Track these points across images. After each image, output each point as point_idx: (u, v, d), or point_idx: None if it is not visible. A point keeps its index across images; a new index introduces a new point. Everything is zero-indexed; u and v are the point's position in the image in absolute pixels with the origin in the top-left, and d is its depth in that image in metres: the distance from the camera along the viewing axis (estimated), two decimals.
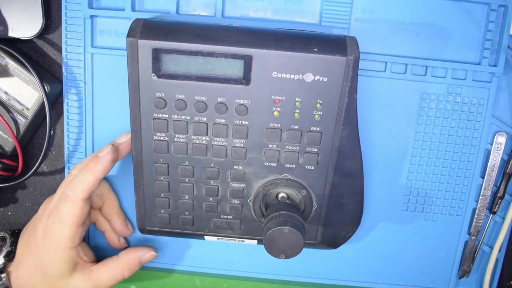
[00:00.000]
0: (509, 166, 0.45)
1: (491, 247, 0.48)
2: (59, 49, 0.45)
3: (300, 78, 0.36)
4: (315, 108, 0.37)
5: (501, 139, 0.45)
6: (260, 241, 0.43)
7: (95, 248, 0.48)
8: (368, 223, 0.46)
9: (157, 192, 0.41)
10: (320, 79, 0.36)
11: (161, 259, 0.49)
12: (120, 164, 0.45)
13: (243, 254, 0.49)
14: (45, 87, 0.42)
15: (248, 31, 0.37)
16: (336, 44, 0.36)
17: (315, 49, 0.35)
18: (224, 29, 0.37)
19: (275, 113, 0.37)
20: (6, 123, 0.43)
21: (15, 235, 0.44)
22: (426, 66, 0.43)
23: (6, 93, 0.44)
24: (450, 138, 0.44)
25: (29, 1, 0.42)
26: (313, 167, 0.39)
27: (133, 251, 0.43)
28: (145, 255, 0.44)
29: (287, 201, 0.40)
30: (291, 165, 0.39)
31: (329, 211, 0.41)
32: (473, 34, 0.42)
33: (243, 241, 0.43)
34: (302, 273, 0.49)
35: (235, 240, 0.43)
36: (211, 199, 0.41)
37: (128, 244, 0.47)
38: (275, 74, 0.36)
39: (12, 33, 0.42)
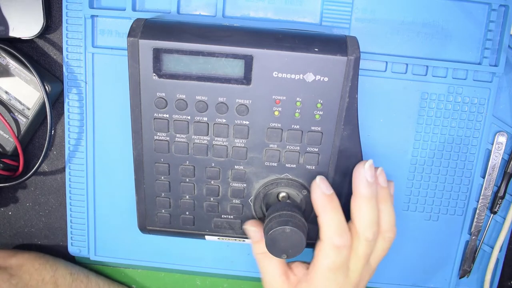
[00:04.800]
0: (510, 166, 0.45)
1: (492, 247, 0.48)
2: (60, 49, 0.45)
3: (301, 78, 0.36)
4: (315, 108, 0.37)
5: (502, 139, 0.45)
6: None
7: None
8: None
9: (157, 192, 0.41)
10: (321, 79, 0.36)
11: (162, 259, 0.49)
12: (120, 164, 0.46)
13: (243, 254, 0.49)
14: (46, 87, 0.42)
15: (249, 31, 0.37)
16: (336, 44, 0.36)
17: (316, 49, 0.35)
18: (225, 29, 0.37)
19: (276, 113, 0.37)
20: (7, 123, 0.43)
21: None
22: (427, 66, 0.43)
23: (7, 92, 0.44)
24: (451, 138, 0.44)
25: (30, 1, 0.42)
26: (313, 167, 0.39)
27: None
28: None
29: (288, 201, 0.40)
30: (291, 165, 0.39)
31: None
32: (473, 34, 0.42)
33: (243, 240, 0.43)
34: None
35: (235, 239, 0.43)
36: (211, 198, 0.41)
37: None
38: (275, 74, 0.36)
39: (13, 33, 0.42)
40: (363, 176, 0.36)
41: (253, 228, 0.39)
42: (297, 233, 0.34)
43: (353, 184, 0.36)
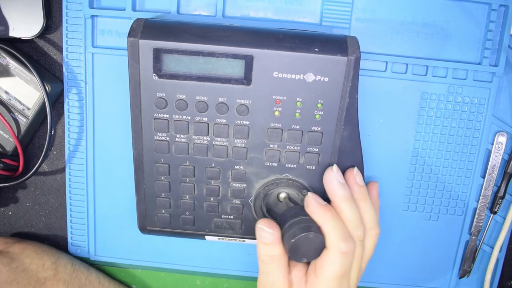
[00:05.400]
0: (510, 166, 0.45)
1: (492, 247, 0.48)
2: (60, 49, 0.45)
3: (301, 78, 0.36)
4: (316, 108, 0.37)
5: (502, 139, 0.45)
6: None
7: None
8: None
9: (158, 192, 0.41)
10: (321, 79, 0.36)
11: (162, 259, 0.49)
12: (120, 164, 0.46)
13: (243, 254, 0.49)
14: (46, 87, 0.42)
15: (249, 31, 0.37)
16: (337, 44, 0.36)
17: (316, 49, 0.35)
18: (225, 29, 0.37)
19: (276, 113, 0.37)
20: (7, 123, 0.43)
21: None
22: (427, 66, 0.43)
23: (7, 92, 0.44)
24: (451, 138, 0.44)
25: (30, 1, 0.42)
26: (314, 167, 0.39)
27: None
28: None
29: (288, 201, 0.40)
30: (292, 165, 0.39)
31: None
32: (473, 34, 0.42)
33: (243, 241, 0.43)
34: None
35: (235, 240, 0.43)
36: (212, 199, 0.41)
37: None
38: (276, 74, 0.36)
39: (13, 33, 0.42)
40: (335, 179, 0.37)
41: (270, 230, 0.36)
42: (319, 238, 0.34)
43: (327, 190, 0.37)
